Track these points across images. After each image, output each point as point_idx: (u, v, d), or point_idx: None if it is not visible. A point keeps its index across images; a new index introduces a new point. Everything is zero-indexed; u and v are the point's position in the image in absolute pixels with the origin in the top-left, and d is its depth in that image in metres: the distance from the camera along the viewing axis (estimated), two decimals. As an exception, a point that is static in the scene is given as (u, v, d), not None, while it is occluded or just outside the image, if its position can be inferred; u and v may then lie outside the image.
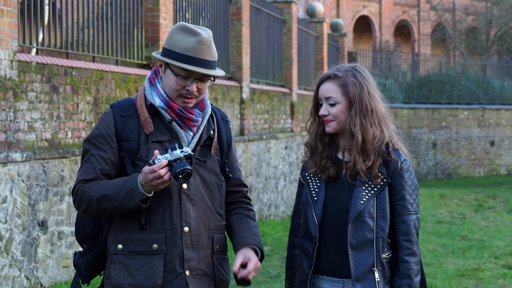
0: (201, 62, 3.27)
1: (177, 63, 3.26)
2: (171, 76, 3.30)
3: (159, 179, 3.14)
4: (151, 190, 3.20)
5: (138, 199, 3.19)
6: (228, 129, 3.52)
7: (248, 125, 13.14)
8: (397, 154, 3.38)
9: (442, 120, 25.17)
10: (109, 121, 3.34)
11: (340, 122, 3.39)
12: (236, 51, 13.06)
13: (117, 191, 3.22)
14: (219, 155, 3.46)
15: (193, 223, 3.32)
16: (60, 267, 7.84)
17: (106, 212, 3.29)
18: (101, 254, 3.40)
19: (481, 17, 37.54)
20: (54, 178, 7.76)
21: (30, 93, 7.44)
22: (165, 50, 3.32)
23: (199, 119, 3.36)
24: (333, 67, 3.48)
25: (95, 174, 3.29)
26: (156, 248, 3.27)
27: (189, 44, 3.27)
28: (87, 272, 3.39)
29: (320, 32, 19.41)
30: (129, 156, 3.31)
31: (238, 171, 3.55)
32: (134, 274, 3.28)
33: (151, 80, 3.39)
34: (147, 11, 9.80)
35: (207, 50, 3.29)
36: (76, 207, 3.34)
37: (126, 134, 3.32)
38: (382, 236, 3.33)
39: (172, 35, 3.32)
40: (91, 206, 3.27)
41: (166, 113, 3.32)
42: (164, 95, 3.33)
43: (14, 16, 7.24)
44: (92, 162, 3.31)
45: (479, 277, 8.94)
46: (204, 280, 3.35)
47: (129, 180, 3.22)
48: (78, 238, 3.47)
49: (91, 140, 3.33)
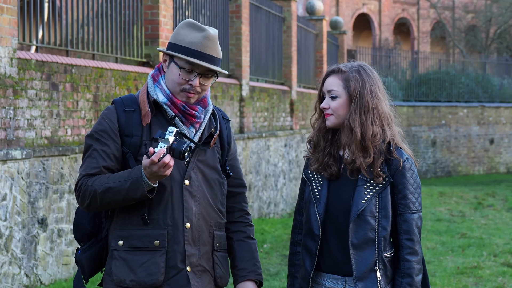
0: (206, 57, 3.28)
1: (182, 55, 3.27)
2: (175, 69, 3.30)
3: (164, 167, 3.13)
4: (156, 180, 3.20)
5: (144, 189, 3.18)
6: (228, 129, 3.53)
7: (248, 123, 13.14)
8: (400, 153, 3.38)
9: (441, 118, 25.18)
10: (112, 116, 3.33)
11: (339, 117, 3.39)
12: (236, 49, 13.06)
13: (121, 182, 3.20)
14: (220, 153, 3.46)
15: (194, 219, 3.32)
16: (60, 264, 7.84)
17: (111, 205, 3.27)
18: (103, 250, 3.39)
19: (481, 15, 37.55)
20: (54, 176, 7.76)
21: (29, 91, 7.43)
22: (170, 45, 3.33)
23: (201, 115, 3.36)
24: (342, 63, 3.49)
25: (98, 169, 3.28)
26: (158, 244, 3.27)
27: (195, 39, 3.28)
28: (89, 268, 3.38)
29: (320, 30, 19.40)
30: (131, 152, 3.30)
31: (239, 170, 3.56)
32: (136, 270, 3.27)
33: (155, 77, 3.39)
34: (147, 9, 9.79)
35: (213, 46, 3.30)
36: (79, 202, 3.32)
37: (129, 129, 3.31)
38: (384, 235, 3.33)
39: (178, 30, 3.33)
40: (95, 199, 3.25)
41: (169, 109, 3.32)
42: (167, 91, 3.33)
43: (14, 13, 7.24)
44: (95, 157, 3.29)
45: (478, 275, 8.94)
46: (205, 277, 3.35)
47: (133, 171, 3.21)
48: (76, 235, 3.45)
49: (94, 135, 3.32)
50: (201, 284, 3.33)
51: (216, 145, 3.45)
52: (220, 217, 3.43)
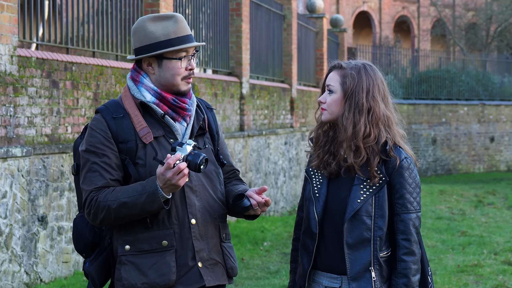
0: (190, 38, 3.33)
1: (176, 47, 3.27)
2: (172, 64, 3.30)
3: (179, 174, 3.10)
4: (171, 191, 3.17)
5: (160, 201, 3.16)
6: (214, 117, 3.54)
7: (248, 121, 13.14)
8: (398, 152, 3.35)
9: (441, 116, 25.17)
10: (102, 125, 3.28)
11: (333, 113, 3.38)
12: (236, 47, 13.05)
13: (136, 196, 3.17)
14: (211, 143, 3.47)
15: (199, 214, 3.32)
16: (59, 262, 7.84)
17: (125, 220, 3.24)
18: (109, 258, 3.36)
19: (481, 12, 37.51)
20: (54, 174, 7.76)
21: (30, 88, 7.43)
22: (150, 46, 3.29)
23: (191, 108, 3.37)
24: (347, 60, 3.48)
25: (105, 181, 3.23)
26: (166, 244, 3.25)
27: (171, 27, 3.29)
28: (99, 279, 3.35)
29: (320, 28, 19.39)
30: (129, 157, 3.27)
31: (228, 157, 3.57)
32: (146, 272, 3.24)
33: (135, 78, 3.36)
34: (147, 6, 9.78)
35: (186, 26, 3.34)
36: (91, 219, 3.27)
37: (122, 135, 3.27)
38: (379, 235, 3.30)
39: (146, 30, 3.30)
40: (109, 215, 3.21)
41: (158, 108, 3.30)
42: (154, 88, 3.31)
43: (14, 11, 7.24)
44: (97, 170, 3.24)
45: (479, 273, 8.94)
46: (217, 269, 3.35)
47: (148, 184, 3.18)
48: (78, 247, 3.41)
49: (90, 149, 3.26)
50: (215, 277, 3.33)
51: (207, 136, 3.45)
52: (222, 208, 3.43)
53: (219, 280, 3.34)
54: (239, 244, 10.39)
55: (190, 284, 3.27)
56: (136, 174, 3.26)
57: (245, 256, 9.76)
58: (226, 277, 3.39)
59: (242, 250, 10.14)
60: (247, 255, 9.84)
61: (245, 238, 10.78)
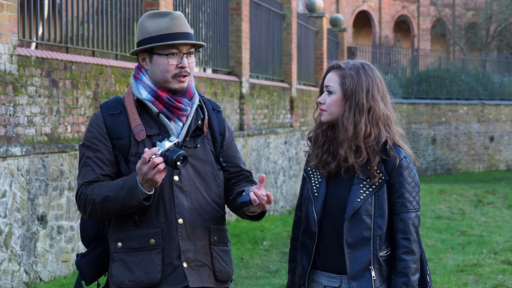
0: (183, 35, 3.30)
1: (162, 43, 3.27)
2: (161, 60, 3.30)
3: (154, 168, 3.10)
4: (150, 187, 3.18)
5: (139, 197, 3.17)
6: (220, 119, 3.50)
7: (248, 120, 13.14)
8: (397, 151, 3.35)
9: (441, 115, 25.17)
10: (99, 121, 3.33)
11: (333, 114, 3.38)
12: (236, 46, 13.05)
13: (118, 191, 3.20)
14: (211, 145, 3.44)
15: (187, 214, 3.30)
16: (59, 261, 7.84)
17: (110, 214, 3.27)
18: (103, 254, 3.40)
19: (481, 12, 37.52)
20: (53, 173, 7.76)
21: (29, 88, 7.43)
22: (143, 41, 3.32)
23: (187, 108, 3.35)
24: (345, 60, 3.48)
25: (95, 175, 3.28)
26: (153, 242, 3.27)
27: (165, 24, 3.29)
28: (89, 273, 3.38)
29: (320, 27, 19.39)
30: (121, 154, 3.30)
31: (238, 159, 3.53)
32: (133, 270, 3.27)
33: (136, 76, 3.38)
34: (147, 6, 9.78)
35: (183, 23, 3.32)
36: (81, 212, 3.33)
37: (117, 132, 3.30)
38: (379, 234, 3.31)
39: (143, 25, 3.33)
40: (95, 209, 3.25)
41: (153, 106, 3.31)
42: (151, 85, 3.32)
43: (14, 10, 7.23)
44: (89, 164, 3.29)
45: (479, 273, 8.94)
46: (203, 271, 3.33)
47: (129, 179, 3.20)
48: (83, 241, 3.47)
49: (86, 143, 3.32)
50: (199, 279, 3.31)
51: (207, 137, 3.43)
52: (217, 210, 3.40)
53: (203, 283, 3.32)
54: (239, 244, 10.39)
55: (175, 283, 3.27)
56: (126, 171, 3.28)
57: (245, 256, 9.77)
58: (214, 280, 3.36)
59: (242, 249, 10.14)
60: (246, 255, 9.85)
61: (244, 238, 10.78)
